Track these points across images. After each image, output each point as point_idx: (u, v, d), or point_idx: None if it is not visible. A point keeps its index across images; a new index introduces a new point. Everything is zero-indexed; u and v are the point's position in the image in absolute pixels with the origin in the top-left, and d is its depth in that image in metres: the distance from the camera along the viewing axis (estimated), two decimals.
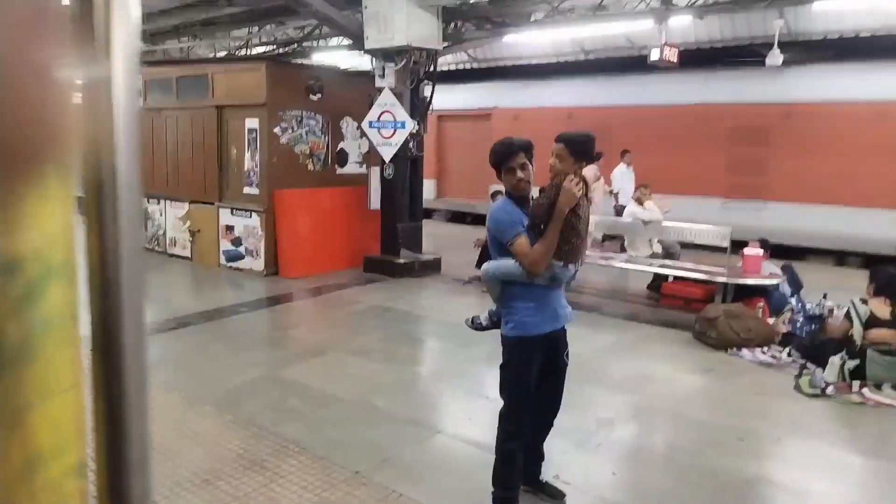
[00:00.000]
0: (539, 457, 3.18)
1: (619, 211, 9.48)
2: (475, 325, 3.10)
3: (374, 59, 8.20)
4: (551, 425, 3.14)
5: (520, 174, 2.80)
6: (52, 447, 0.58)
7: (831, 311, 5.72)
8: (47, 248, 0.55)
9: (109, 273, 0.58)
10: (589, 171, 10.48)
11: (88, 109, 0.57)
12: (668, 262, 7.73)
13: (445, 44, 8.38)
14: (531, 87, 13.52)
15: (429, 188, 14.50)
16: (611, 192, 10.11)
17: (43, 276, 0.54)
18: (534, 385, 2.92)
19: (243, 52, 13.84)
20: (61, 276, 0.57)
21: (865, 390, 4.59)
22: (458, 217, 14.64)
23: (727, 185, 10.73)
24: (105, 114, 0.56)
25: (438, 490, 3.22)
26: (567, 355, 3.05)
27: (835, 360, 4.78)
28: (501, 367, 2.96)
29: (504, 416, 2.95)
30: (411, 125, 8.01)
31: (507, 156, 2.80)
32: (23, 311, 0.53)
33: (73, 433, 0.61)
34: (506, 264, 2.83)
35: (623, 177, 10.08)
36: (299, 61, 11.51)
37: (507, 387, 2.93)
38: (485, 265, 2.92)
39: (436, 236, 10.10)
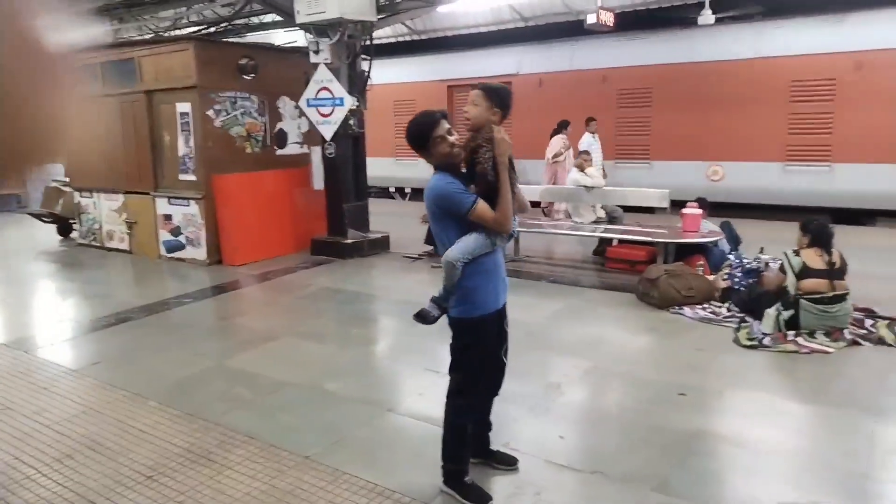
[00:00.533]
0: (487, 426, 3.20)
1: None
2: (427, 319, 2.85)
3: (307, 35, 7.97)
4: (497, 394, 3.15)
5: (450, 139, 2.73)
6: None
7: (767, 264, 5.91)
8: None
9: None
10: (557, 141, 10.36)
11: None
12: (611, 226, 7.87)
13: (380, 15, 8.19)
14: (480, 57, 13.41)
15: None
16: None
17: None
18: (491, 360, 2.93)
19: (172, 34, 13.27)
20: None
21: (800, 339, 4.78)
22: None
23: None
24: None
25: (390, 468, 3.22)
26: (506, 324, 3.04)
27: (770, 312, 4.96)
28: (455, 347, 2.90)
29: (454, 393, 2.93)
30: (350, 101, 7.85)
31: (431, 126, 2.73)
32: None
33: None
34: (471, 241, 2.73)
35: (591, 146, 9.92)
36: (230, 40, 11.11)
37: (464, 366, 2.89)
38: (449, 252, 2.74)
39: (384, 214, 10.00)
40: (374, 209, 9.04)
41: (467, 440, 3.00)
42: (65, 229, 10.25)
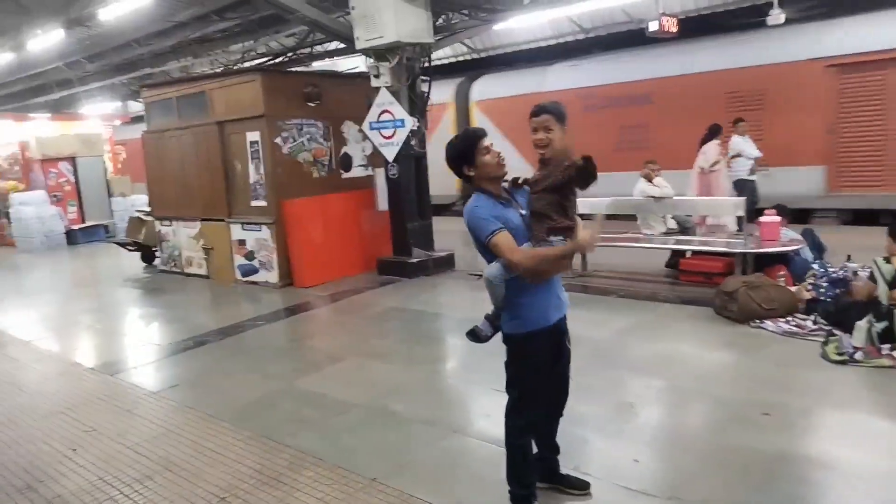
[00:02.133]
0: (555, 449, 3.10)
1: (752, 173, 9.10)
2: (480, 337, 2.83)
3: (367, 60, 8.13)
4: (561, 414, 3.05)
5: (494, 151, 2.66)
6: None
7: (856, 272, 5.54)
8: None
9: None
10: (713, 148, 9.38)
11: None
12: (683, 237, 7.58)
13: (437, 36, 8.28)
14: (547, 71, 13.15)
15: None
16: (733, 156, 9.14)
17: None
18: (545, 377, 2.84)
19: (242, 66, 13.91)
20: None
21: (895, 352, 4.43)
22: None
23: None
24: None
25: (457, 491, 3.16)
26: (568, 341, 2.95)
27: (861, 324, 4.62)
28: (508, 364, 2.85)
29: (512, 412, 2.86)
30: (411, 123, 7.94)
31: (473, 141, 2.68)
32: None
33: None
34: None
35: (742, 149, 9.11)
36: (295, 69, 11.50)
37: (518, 383, 2.83)
38: (486, 270, 2.71)
39: (449, 232, 10.02)
40: (440, 227, 9.08)
41: (530, 461, 2.91)
42: (148, 257, 10.80)
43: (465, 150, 2.70)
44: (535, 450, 2.96)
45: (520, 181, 2.79)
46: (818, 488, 3.05)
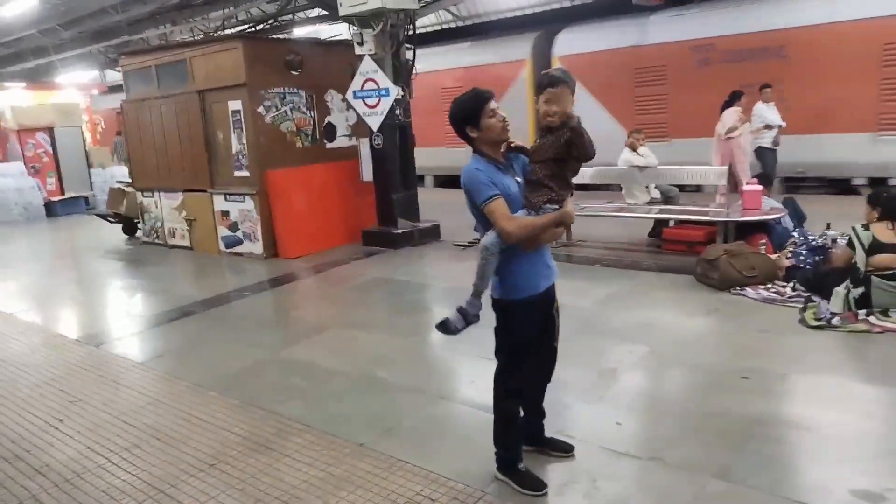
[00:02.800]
0: (541, 414, 3.16)
1: (775, 144, 8.86)
2: (450, 329, 2.76)
3: (351, 27, 8.01)
4: (549, 380, 3.10)
5: (500, 115, 2.64)
6: None
7: (834, 240, 5.63)
8: None
9: None
10: (731, 114, 8.93)
11: None
12: (666, 206, 7.64)
13: (421, 3, 8.15)
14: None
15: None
16: (765, 126, 8.84)
17: None
18: (533, 343, 2.88)
19: (222, 33, 13.62)
20: None
21: (871, 318, 4.54)
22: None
23: None
24: None
25: (444, 455, 3.22)
26: (556, 309, 2.99)
27: (839, 290, 4.72)
28: (497, 330, 2.88)
29: (501, 375, 2.90)
30: (395, 91, 7.85)
31: (481, 103, 2.64)
32: None
33: None
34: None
35: (764, 117, 8.82)
36: (277, 36, 11.29)
37: (506, 349, 2.87)
38: (485, 238, 2.69)
39: (434, 202, 10.01)
40: (425, 198, 9.06)
41: (517, 425, 2.96)
42: (130, 228, 10.69)
43: (471, 111, 2.66)
44: (521, 413, 3.01)
45: (516, 146, 2.78)
46: (794, 448, 3.14)
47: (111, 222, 10.95)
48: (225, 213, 8.63)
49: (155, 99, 9.19)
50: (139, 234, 10.37)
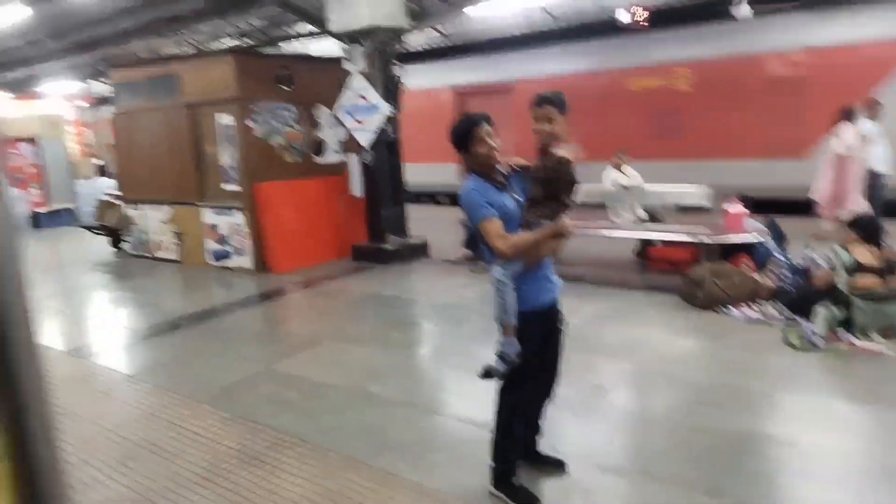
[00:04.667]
0: (536, 430, 3.21)
1: (873, 181, 7.91)
2: (494, 375, 2.79)
3: (341, 44, 8.10)
4: (550, 396, 3.14)
5: (490, 142, 2.72)
6: None
7: (815, 262, 5.77)
8: None
9: None
10: (849, 131, 7.80)
11: None
12: (651, 225, 7.78)
13: (412, 21, 8.28)
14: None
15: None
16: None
17: None
18: (536, 358, 2.91)
19: (213, 47, 13.66)
20: None
21: (853, 338, 4.66)
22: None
23: None
24: None
25: (436, 469, 3.26)
26: (562, 323, 3.06)
27: (821, 311, 4.84)
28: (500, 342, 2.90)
29: (503, 390, 2.93)
30: (386, 108, 7.95)
31: (473, 125, 2.72)
32: None
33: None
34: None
35: (872, 137, 7.91)
36: (268, 51, 11.37)
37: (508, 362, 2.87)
38: (493, 270, 2.73)
39: (423, 219, 10.08)
40: (414, 214, 9.13)
41: (516, 439, 2.99)
42: (117, 241, 10.60)
43: (461, 136, 2.75)
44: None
45: (519, 165, 2.85)
46: (780, 465, 3.23)
47: (98, 234, 10.86)
48: (213, 227, 8.62)
49: (144, 111, 9.19)
50: (126, 246, 10.30)
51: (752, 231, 6.74)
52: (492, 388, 2.98)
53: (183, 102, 8.59)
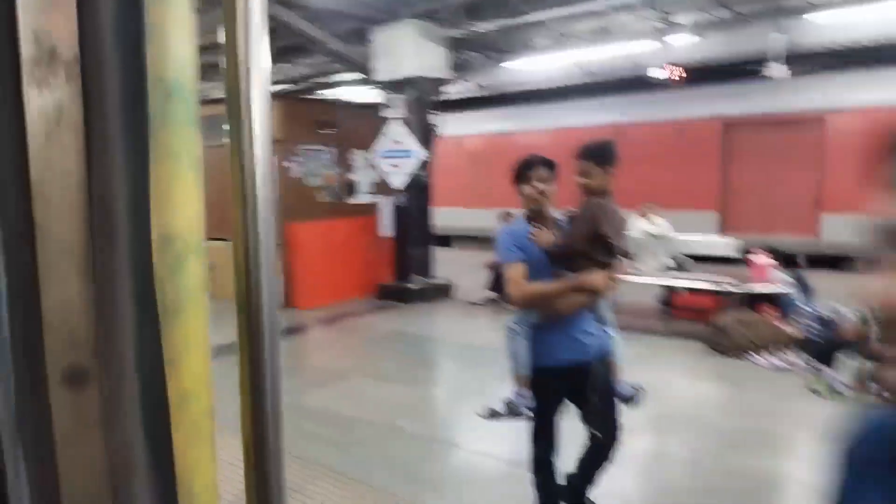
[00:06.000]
0: (588, 481, 2.94)
1: None
2: (499, 418, 2.70)
3: (385, 91, 8.44)
4: (608, 458, 2.85)
5: (538, 186, 2.60)
6: (192, 390, 0.73)
7: (841, 313, 5.77)
8: (187, 229, 0.71)
9: (251, 257, 0.74)
10: None
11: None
12: (677, 273, 7.83)
13: (454, 73, 8.61)
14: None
15: None
16: None
17: (185, 251, 0.70)
18: (553, 421, 2.73)
19: None
20: (197, 254, 0.73)
21: (883, 392, 4.64)
22: None
23: None
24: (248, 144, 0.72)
25: (463, 501, 3.31)
26: (593, 389, 2.68)
27: (849, 362, 4.85)
28: None
29: (529, 442, 2.79)
30: (421, 153, 8.21)
31: (525, 167, 2.64)
32: (174, 276, 0.68)
33: (205, 383, 0.76)
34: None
35: None
36: (311, 96, 11.82)
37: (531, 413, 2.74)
38: (507, 319, 2.66)
39: (448, 261, 10.24)
40: (438, 256, 9.29)
41: (543, 489, 2.83)
42: None
43: (515, 174, 2.68)
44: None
45: (562, 218, 2.74)
46: None
47: None
48: None
49: None
50: None
51: (778, 282, 6.78)
52: (509, 425, 2.85)
53: (225, 143, 8.91)
